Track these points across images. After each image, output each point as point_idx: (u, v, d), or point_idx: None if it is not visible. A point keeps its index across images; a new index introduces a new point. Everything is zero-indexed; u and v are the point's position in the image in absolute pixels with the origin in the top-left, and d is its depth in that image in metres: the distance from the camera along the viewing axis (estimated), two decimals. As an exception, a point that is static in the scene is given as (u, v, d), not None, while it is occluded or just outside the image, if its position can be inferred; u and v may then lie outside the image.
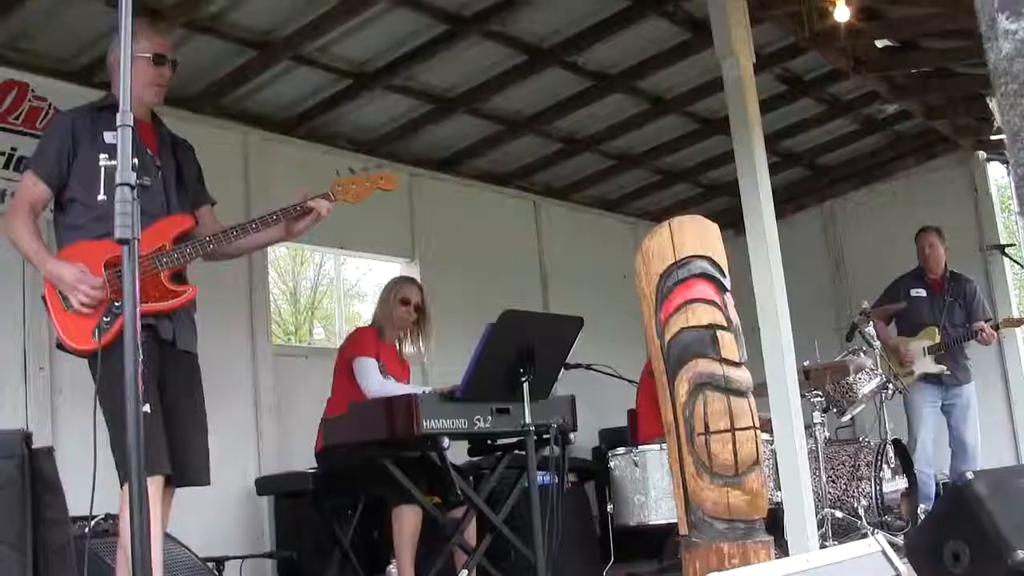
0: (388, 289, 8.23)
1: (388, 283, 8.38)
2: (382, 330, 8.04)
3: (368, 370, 7.67)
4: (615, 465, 8.83)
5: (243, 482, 8.75)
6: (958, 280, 10.82)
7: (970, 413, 10.48)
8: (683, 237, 4.71)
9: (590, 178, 12.78)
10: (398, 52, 9.16)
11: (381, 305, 8.20)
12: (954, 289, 10.73)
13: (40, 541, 3.78)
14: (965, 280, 10.85)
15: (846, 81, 11.09)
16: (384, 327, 8.05)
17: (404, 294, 8.07)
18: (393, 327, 8.07)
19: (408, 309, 8.05)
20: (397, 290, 8.12)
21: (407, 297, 8.06)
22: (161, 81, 5.65)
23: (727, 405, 4.45)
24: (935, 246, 10.80)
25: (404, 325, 8.09)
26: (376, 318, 8.19)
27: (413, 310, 8.07)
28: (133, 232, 3.26)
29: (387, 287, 8.29)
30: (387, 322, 8.06)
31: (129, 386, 3.22)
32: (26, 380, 7.93)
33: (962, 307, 10.65)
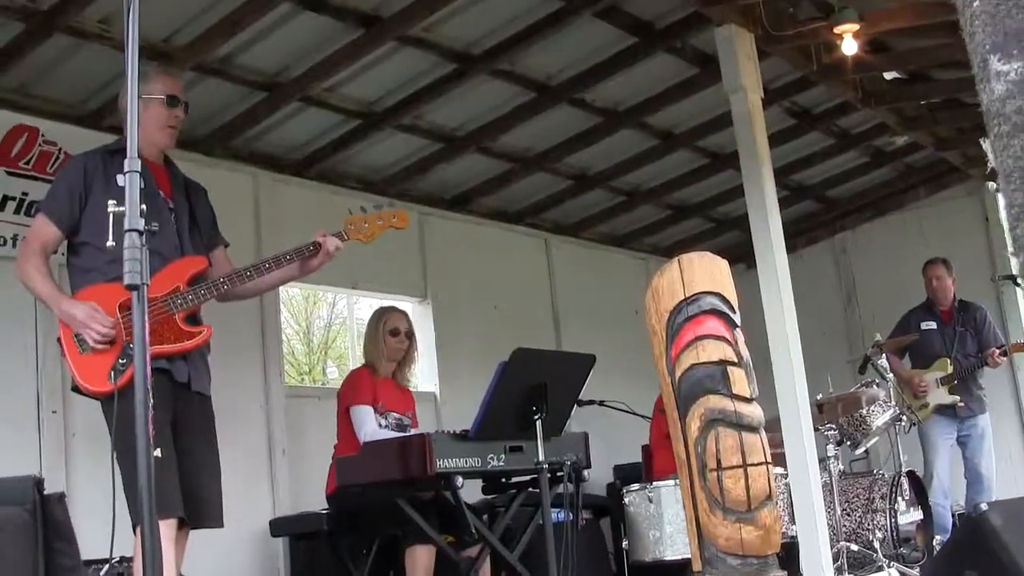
0: (374, 323, 8.21)
1: (372, 317, 8.35)
2: (375, 367, 8.03)
3: (363, 420, 7.68)
4: (630, 501, 8.81)
5: (257, 523, 8.73)
6: (967, 309, 10.82)
7: (985, 444, 10.47)
8: (692, 274, 4.71)
9: (600, 214, 12.79)
10: (407, 92, 9.19)
11: (369, 341, 8.19)
12: (964, 319, 10.73)
13: (53, 587, 3.79)
14: (975, 308, 10.84)
15: (855, 113, 11.11)
16: (377, 363, 8.03)
17: (392, 324, 8.07)
18: (386, 360, 8.05)
19: (399, 339, 8.06)
20: (384, 322, 8.10)
21: (396, 327, 8.07)
22: (174, 123, 5.70)
23: (739, 441, 4.44)
24: (942, 278, 10.81)
25: (398, 356, 8.09)
26: (368, 355, 8.18)
27: (404, 338, 8.08)
28: (143, 278, 3.27)
29: (372, 321, 8.26)
30: (379, 357, 8.04)
31: (140, 430, 3.23)
32: (39, 423, 7.93)
33: (973, 336, 10.65)
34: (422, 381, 11.21)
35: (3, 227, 8.00)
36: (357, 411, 7.72)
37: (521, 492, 7.13)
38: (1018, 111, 1.46)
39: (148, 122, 5.56)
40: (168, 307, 5.36)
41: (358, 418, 7.70)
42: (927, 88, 10.53)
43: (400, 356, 8.11)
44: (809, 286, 10.16)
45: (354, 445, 7.38)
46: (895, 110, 10.74)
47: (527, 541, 7.04)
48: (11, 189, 8.09)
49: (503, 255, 12.14)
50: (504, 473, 6.89)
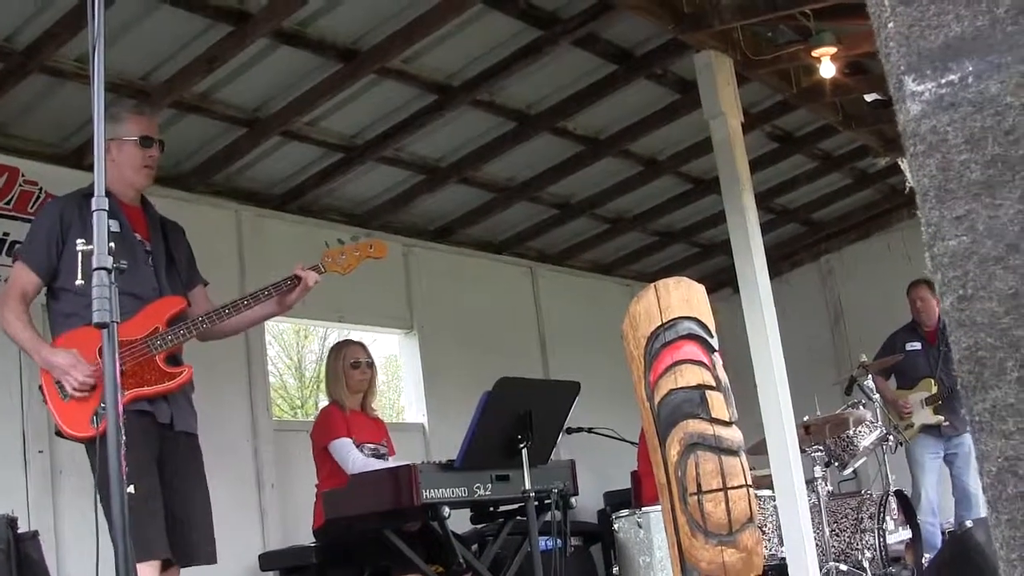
0: (333, 359, 8.12)
1: (330, 353, 8.29)
2: (341, 402, 7.99)
3: (347, 452, 7.64)
4: (619, 527, 8.81)
5: (247, 558, 8.72)
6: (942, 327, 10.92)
7: (972, 461, 10.51)
8: (669, 299, 4.72)
9: (585, 243, 12.82)
10: (387, 124, 9.20)
11: (331, 377, 8.08)
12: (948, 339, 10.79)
13: (28, 626, 3.79)
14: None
15: (837, 136, 11.16)
16: (342, 398, 7.99)
17: (352, 357, 8.01)
18: (350, 393, 8.01)
19: (361, 370, 8.01)
20: (343, 356, 8.03)
21: (356, 359, 8.01)
22: (149, 163, 5.69)
23: (719, 465, 4.45)
24: (927, 299, 10.90)
25: (362, 387, 8.03)
26: (331, 393, 8.14)
27: (366, 368, 8.06)
28: (112, 315, 3.28)
29: (331, 358, 8.18)
30: (342, 391, 7.98)
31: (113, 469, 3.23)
32: (25, 463, 7.92)
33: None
34: (410, 412, 11.24)
35: (-15, 267, 8.00)
36: (337, 446, 7.69)
37: (509, 521, 7.13)
38: (932, 131, 1.48)
39: (123, 164, 5.56)
40: (148, 348, 5.36)
41: (341, 452, 7.68)
42: (907, 109, 10.58)
43: (364, 388, 8.07)
44: (795, 309, 10.20)
45: (336, 480, 7.36)
46: (876, 132, 10.79)
47: (516, 569, 7.03)
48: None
49: (488, 285, 12.17)
50: (491, 502, 6.88)
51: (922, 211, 1.55)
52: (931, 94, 1.48)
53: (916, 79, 1.51)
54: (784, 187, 12.29)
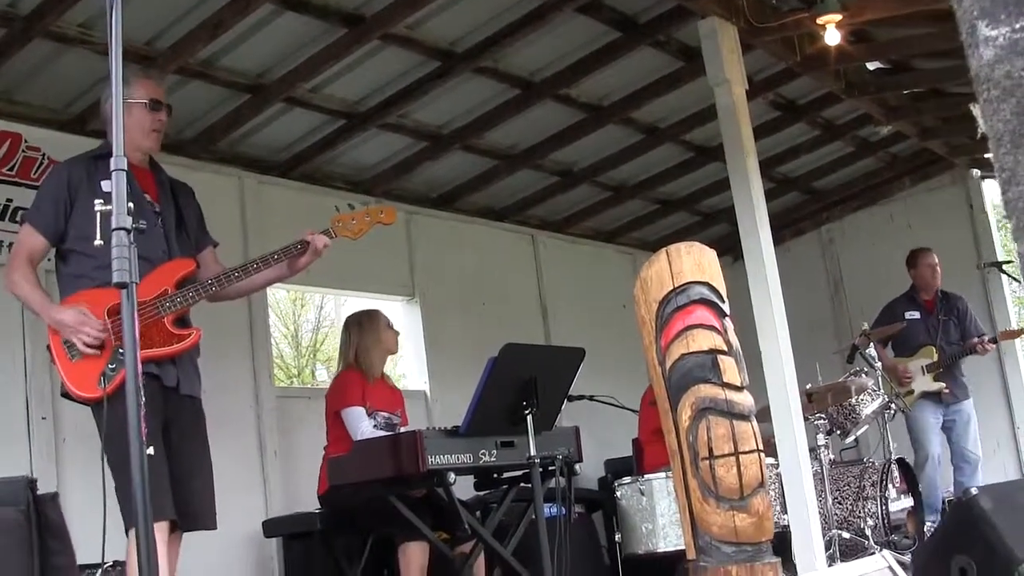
0: (374, 323, 8.22)
1: (368, 318, 8.31)
2: (370, 368, 8.01)
3: (357, 421, 7.69)
4: (622, 494, 8.84)
5: (250, 525, 8.73)
6: (949, 299, 11.01)
7: (971, 428, 10.61)
8: (680, 264, 4.72)
9: (587, 210, 12.78)
10: (391, 91, 9.17)
11: (372, 341, 8.15)
12: (946, 308, 10.91)
13: (48, 587, 3.79)
14: (956, 298, 11.03)
15: (839, 104, 11.12)
16: (377, 363, 8.03)
17: (387, 320, 8.14)
18: (383, 357, 8.06)
19: (395, 330, 8.17)
20: (379, 320, 8.19)
21: (390, 322, 8.14)
22: (158, 126, 5.70)
23: (730, 429, 4.45)
24: (936, 267, 10.94)
25: (397, 349, 8.15)
26: (365, 357, 8.15)
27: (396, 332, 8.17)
28: (131, 276, 3.27)
29: (370, 322, 8.24)
30: (380, 356, 8.06)
31: (132, 430, 3.23)
32: (29, 430, 7.91)
33: (956, 325, 10.84)
34: (412, 380, 11.22)
35: (-13, 233, 8.00)
36: (349, 413, 7.73)
37: (513, 487, 7.14)
38: (1007, 75, 1.47)
39: (132, 127, 5.55)
40: (157, 310, 5.36)
41: (351, 420, 7.70)
42: (910, 78, 10.56)
43: (398, 349, 8.17)
44: (796, 277, 10.18)
45: (345, 446, 7.37)
46: (879, 100, 10.77)
47: (520, 536, 7.04)
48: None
49: (490, 253, 12.15)
50: (496, 468, 6.89)
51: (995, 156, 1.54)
52: (1005, 39, 1.47)
53: (990, 24, 1.49)
54: (786, 156, 12.25)
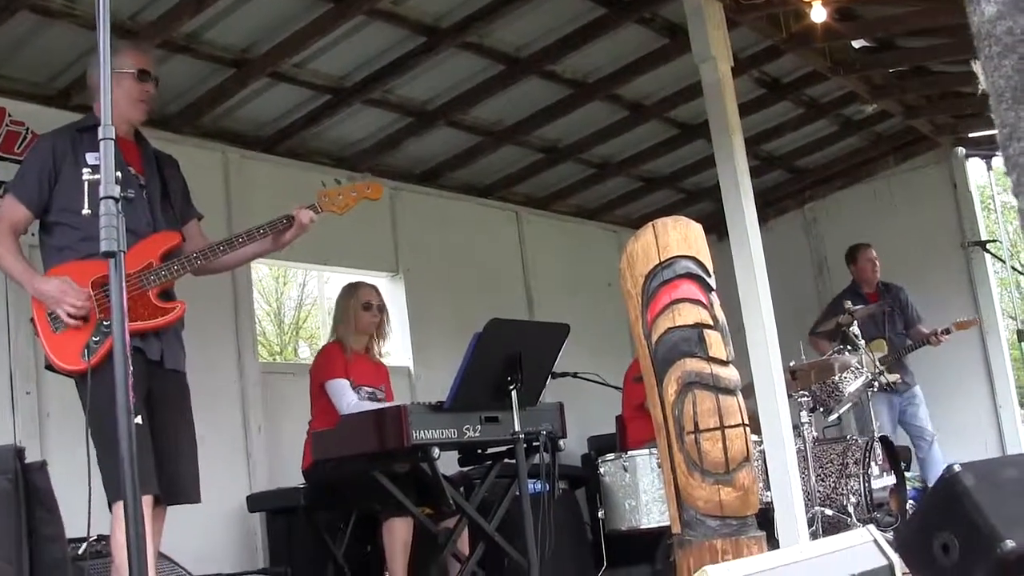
0: (345, 298, 8.23)
1: (343, 292, 8.37)
2: (345, 343, 8.02)
3: (341, 393, 7.69)
4: (605, 471, 8.85)
5: (235, 499, 8.73)
6: (890, 290, 11.36)
7: (923, 408, 10.97)
8: (667, 238, 4.72)
9: (572, 187, 12.78)
10: (376, 66, 9.14)
11: (341, 316, 8.21)
12: (889, 299, 11.05)
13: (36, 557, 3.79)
14: (897, 289, 11.35)
15: (824, 83, 11.12)
16: (347, 338, 8.03)
17: (364, 298, 8.10)
18: (358, 334, 8.05)
19: (372, 313, 8.09)
20: (357, 297, 8.13)
21: (368, 301, 8.09)
22: (145, 97, 5.69)
23: (716, 403, 4.47)
24: (876, 261, 11.16)
25: (370, 330, 8.11)
26: (337, 332, 8.19)
27: (376, 311, 8.10)
28: (119, 245, 3.26)
29: (343, 296, 8.28)
30: (349, 332, 8.05)
31: (120, 400, 3.22)
32: (13, 404, 7.89)
33: (900, 315, 11.03)
34: (396, 356, 11.22)
35: (-28, 207, 7.96)
36: (333, 385, 7.73)
37: (497, 463, 7.15)
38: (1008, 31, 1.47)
39: (119, 97, 5.55)
40: (141, 283, 5.36)
41: (335, 392, 7.70)
42: (895, 56, 10.55)
43: (372, 330, 8.12)
44: (780, 256, 10.17)
45: (329, 421, 7.37)
46: (864, 79, 10.78)
47: (504, 511, 7.05)
48: (-22, 169, 8.07)
49: (475, 229, 12.14)
50: (480, 444, 6.91)
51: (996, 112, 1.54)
52: (1007, -6, 1.47)
53: (992, -21, 1.49)
54: (770, 134, 12.25)
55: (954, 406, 12.57)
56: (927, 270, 12.83)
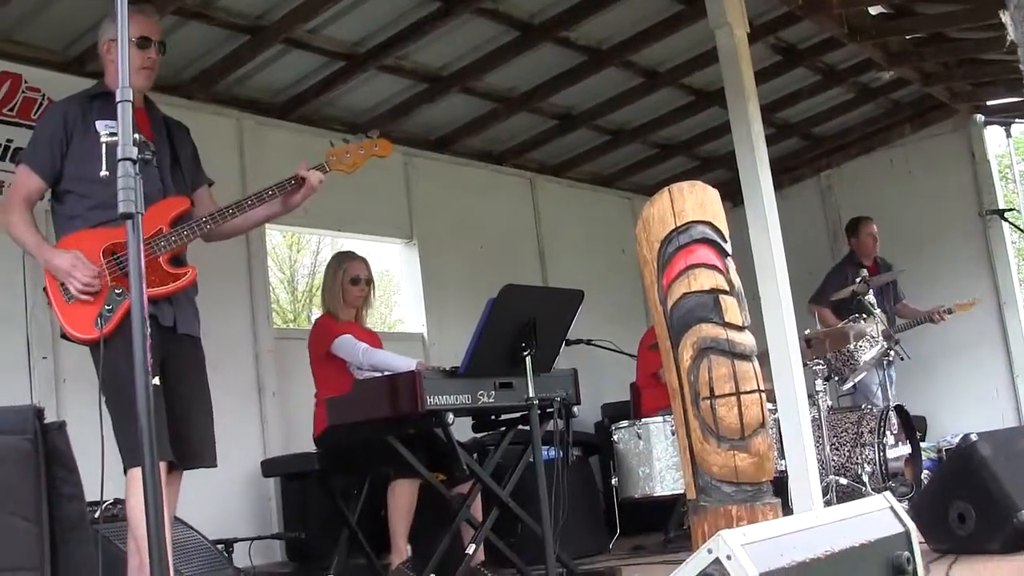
0: (332, 272, 8.12)
1: (330, 264, 8.28)
2: (336, 315, 7.98)
3: (352, 345, 7.65)
4: (619, 438, 8.86)
5: (249, 464, 8.77)
6: (884, 265, 11.22)
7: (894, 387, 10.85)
8: (683, 203, 4.71)
9: (585, 154, 12.77)
10: (390, 32, 9.12)
11: (327, 289, 8.13)
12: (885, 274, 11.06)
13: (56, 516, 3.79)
14: (889, 264, 11.23)
15: (841, 49, 11.07)
16: (336, 311, 7.99)
17: (352, 273, 7.99)
18: (346, 307, 8.01)
19: (360, 287, 8.00)
20: (344, 270, 8.03)
21: (356, 276, 7.99)
22: (148, 64, 5.61)
23: (731, 369, 4.45)
24: (876, 236, 11.20)
25: (357, 304, 8.04)
26: (326, 303, 8.15)
27: (364, 285, 8.05)
28: (137, 206, 3.25)
29: (329, 269, 8.19)
30: (337, 305, 7.99)
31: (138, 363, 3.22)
32: (30, 369, 7.93)
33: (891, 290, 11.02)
34: (410, 322, 11.25)
35: (-12, 173, 7.99)
36: (341, 342, 7.68)
37: (511, 430, 7.14)
38: (1039, -17, 1.46)
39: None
40: (152, 249, 5.33)
41: (346, 347, 7.66)
42: (913, 23, 10.47)
43: (359, 304, 8.07)
44: (795, 224, 10.13)
45: (336, 389, 7.34)
46: (880, 45, 10.70)
47: (518, 478, 7.05)
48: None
49: (488, 196, 12.14)
50: (494, 410, 6.89)
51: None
52: (1041, -55, 1.47)
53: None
54: (785, 101, 12.20)
55: (971, 376, 12.57)
56: (944, 239, 12.82)
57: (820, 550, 3.22)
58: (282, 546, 9.06)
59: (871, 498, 3.84)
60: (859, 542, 3.44)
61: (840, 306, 10.66)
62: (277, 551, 9.09)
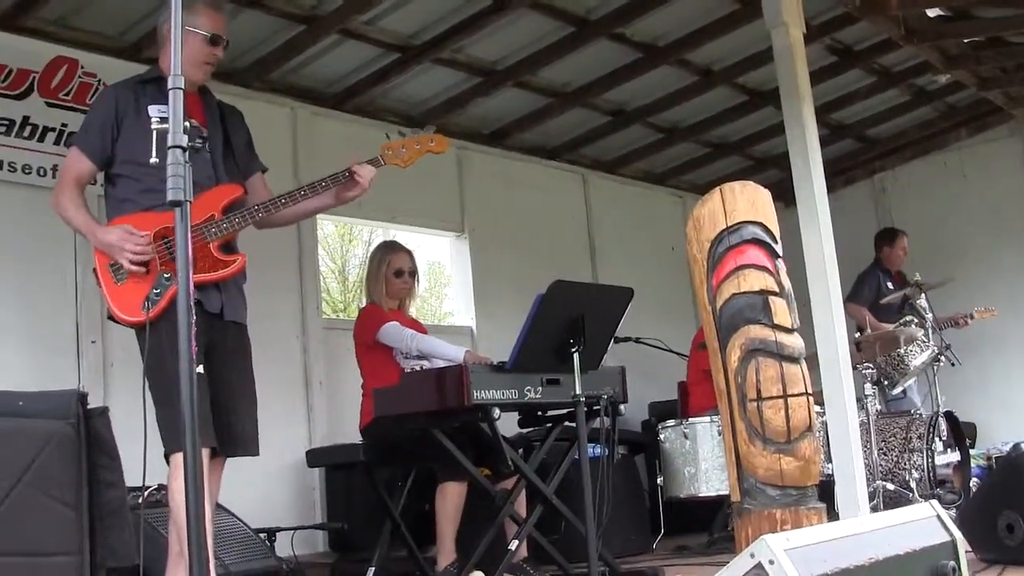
0: (376, 262, 8.04)
1: (374, 255, 8.20)
2: (380, 304, 7.96)
3: (398, 332, 7.62)
4: (665, 437, 8.83)
5: (294, 454, 8.79)
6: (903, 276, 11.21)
7: None
8: (735, 203, 4.69)
9: (638, 151, 12.73)
10: (446, 25, 9.12)
11: (371, 280, 8.05)
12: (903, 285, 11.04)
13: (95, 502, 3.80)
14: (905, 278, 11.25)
15: (897, 51, 10.98)
16: (380, 302, 7.97)
17: (397, 266, 7.92)
18: (389, 299, 7.98)
19: (403, 279, 7.94)
20: (388, 263, 7.95)
21: (400, 268, 7.92)
22: (212, 60, 5.66)
23: (779, 371, 4.43)
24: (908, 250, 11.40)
25: (400, 296, 7.98)
26: (370, 293, 8.10)
27: (408, 278, 8.00)
28: (186, 194, 3.25)
29: (373, 260, 8.11)
30: (381, 296, 7.94)
31: (183, 348, 3.22)
32: (79, 353, 7.99)
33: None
34: (459, 316, 11.25)
35: (43, 158, 8.03)
36: (388, 329, 7.63)
37: (557, 426, 7.12)
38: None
39: (185, 56, 5.51)
40: (203, 235, 5.35)
41: (393, 335, 7.62)
42: (970, 26, 10.40)
43: (403, 296, 8.03)
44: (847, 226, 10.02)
45: (382, 379, 7.34)
46: (938, 48, 10.62)
47: (563, 475, 7.03)
48: (51, 120, 8.13)
49: (540, 191, 12.13)
50: (541, 406, 6.86)
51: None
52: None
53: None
54: (840, 102, 12.14)
55: (1016, 383, 12.47)
56: (997, 244, 12.73)
57: (864, 557, 3.19)
58: (325, 536, 9.08)
59: (917, 506, 3.81)
60: (904, 550, 3.41)
61: (882, 310, 10.62)
62: (320, 541, 9.11)
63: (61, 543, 3.67)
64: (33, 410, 3.84)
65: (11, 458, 3.71)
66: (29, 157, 8.01)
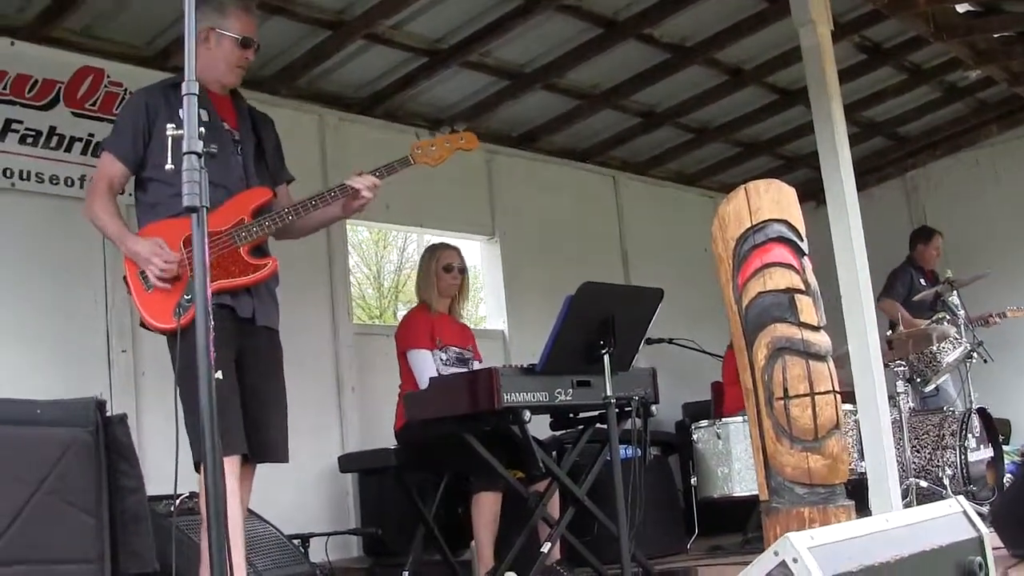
0: (427, 260, 8.15)
1: (424, 254, 8.29)
2: (429, 304, 8.00)
3: (422, 365, 7.67)
4: (698, 437, 8.83)
5: (327, 459, 8.79)
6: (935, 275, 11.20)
7: None
8: (759, 201, 4.68)
9: (669, 152, 12.73)
10: (473, 28, 9.13)
11: (422, 278, 8.15)
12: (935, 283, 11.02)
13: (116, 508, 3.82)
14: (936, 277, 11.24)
15: (927, 48, 10.93)
16: (430, 300, 8.00)
17: (446, 261, 8.02)
18: (439, 296, 8.02)
19: (453, 275, 8.00)
20: (437, 259, 8.05)
21: (449, 264, 8.01)
22: (244, 63, 5.67)
23: (806, 369, 4.42)
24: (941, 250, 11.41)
25: (452, 292, 8.04)
26: (420, 293, 8.17)
27: (458, 273, 8.05)
28: (202, 200, 3.26)
29: (425, 258, 8.20)
30: (432, 294, 8.01)
31: (201, 356, 3.22)
32: (109, 363, 8.01)
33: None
34: (491, 319, 11.25)
35: (70, 168, 8.06)
36: (414, 356, 7.71)
37: (589, 428, 7.10)
38: None
39: (218, 59, 5.55)
40: (233, 240, 5.34)
41: (417, 364, 7.69)
42: (1001, 21, 10.33)
43: (454, 292, 8.07)
44: (879, 224, 10.01)
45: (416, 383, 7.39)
46: (968, 44, 10.56)
47: (595, 477, 7.01)
48: (77, 130, 8.15)
49: (571, 193, 12.14)
50: (572, 408, 6.84)
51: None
52: None
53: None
54: (870, 100, 12.08)
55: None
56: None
57: (889, 554, 3.18)
58: (359, 542, 9.10)
59: (943, 502, 3.79)
60: (930, 547, 3.39)
61: (915, 306, 10.59)
62: (354, 547, 9.13)
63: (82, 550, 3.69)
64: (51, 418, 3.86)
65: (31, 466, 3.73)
66: (56, 168, 8.04)
